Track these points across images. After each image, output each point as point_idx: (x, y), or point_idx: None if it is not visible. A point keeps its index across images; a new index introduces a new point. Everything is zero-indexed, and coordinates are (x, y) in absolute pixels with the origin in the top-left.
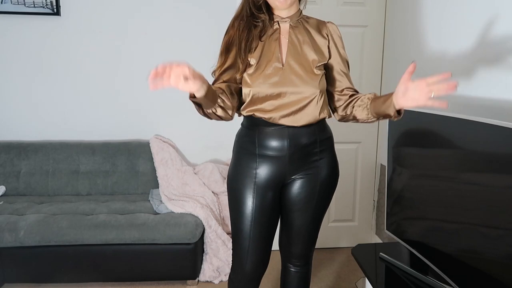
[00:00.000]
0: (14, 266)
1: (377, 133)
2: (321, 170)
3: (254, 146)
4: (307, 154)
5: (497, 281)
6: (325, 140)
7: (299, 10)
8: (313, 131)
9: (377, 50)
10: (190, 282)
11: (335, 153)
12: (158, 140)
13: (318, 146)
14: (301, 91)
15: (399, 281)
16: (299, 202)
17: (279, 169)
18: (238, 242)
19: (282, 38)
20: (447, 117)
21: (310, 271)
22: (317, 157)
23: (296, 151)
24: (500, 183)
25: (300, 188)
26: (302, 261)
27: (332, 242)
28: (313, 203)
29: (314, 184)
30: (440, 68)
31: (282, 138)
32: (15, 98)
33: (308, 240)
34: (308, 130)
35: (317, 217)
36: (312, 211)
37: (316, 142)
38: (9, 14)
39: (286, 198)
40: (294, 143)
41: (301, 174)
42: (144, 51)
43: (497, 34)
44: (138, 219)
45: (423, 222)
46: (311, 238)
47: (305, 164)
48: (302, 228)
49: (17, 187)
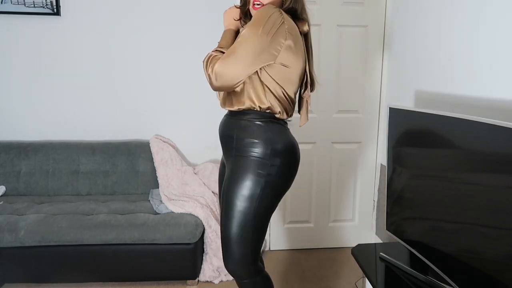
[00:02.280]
0: (14, 266)
1: (377, 133)
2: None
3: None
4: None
5: (497, 281)
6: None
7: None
8: None
9: (377, 50)
10: (190, 282)
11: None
12: (158, 140)
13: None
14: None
15: (399, 281)
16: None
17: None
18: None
19: None
20: (447, 117)
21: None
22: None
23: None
24: (500, 183)
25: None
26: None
27: (332, 242)
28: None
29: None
30: (440, 68)
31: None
32: (15, 98)
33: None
34: None
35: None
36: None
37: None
38: (9, 14)
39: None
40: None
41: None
42: (144, 51)
43: (497, 34)
44: (138, 219)
45: (423, 222)
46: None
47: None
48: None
49: (17, 187)
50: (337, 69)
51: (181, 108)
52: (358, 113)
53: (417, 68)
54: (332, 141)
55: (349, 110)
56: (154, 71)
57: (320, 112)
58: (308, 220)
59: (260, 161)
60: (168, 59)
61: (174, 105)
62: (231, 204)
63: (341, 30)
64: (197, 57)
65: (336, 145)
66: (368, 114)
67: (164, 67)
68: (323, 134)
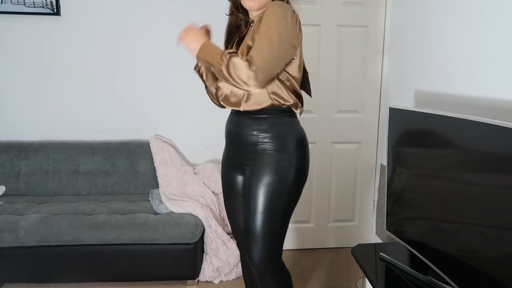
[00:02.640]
0: (14, 266)
1: (377, 133)
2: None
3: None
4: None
5: (497, 281)
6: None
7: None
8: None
9: (377, 50)
10: (190, 282)
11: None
12: (158, 140)
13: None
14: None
15: (399, 281)
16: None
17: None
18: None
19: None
20: (447, 117)
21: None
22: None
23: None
24: (500, 183)
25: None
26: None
27: (332, 242)
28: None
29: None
30: (440, 67)
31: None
32: (15, 98)
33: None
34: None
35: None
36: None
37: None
38: (9, 14)
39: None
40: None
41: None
42: (144, 51)
43: (497, 34)
44: (138, 219)
45: (423, 222)
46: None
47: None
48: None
49: (17, 187)
50: (337, 69)
51: (181, 108)
52: (358, 113)
53: (417, 68)
54: (332, 141)
55: (349, 110)
56: (155, 71)
57: (320, 112)
58: (308, 220)
59: (286, 155)
60: (169, 59)
61: (174, 105)
62: (261, 199)
63: (341, 30)
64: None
65: (336, 145)
66: (368, 114)
67: (164, 67)
68: (323, 134)
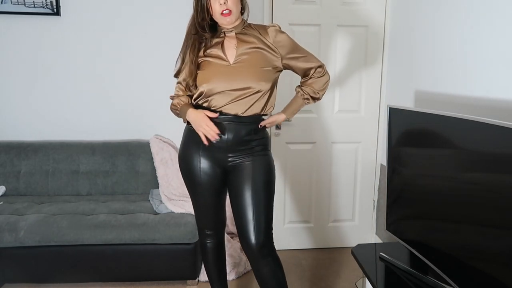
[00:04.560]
0: (14, 266)
1: (377, 133)
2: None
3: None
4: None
5: (497, 281)
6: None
7: (243, 21)
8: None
9: (377, 50)
10: (190, 282)
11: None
12: (158, 140)
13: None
14: (248, 86)
15: (399, 281)
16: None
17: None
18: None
19: (226, 43)
20: (447, 117)
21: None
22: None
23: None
24: (500, 183)
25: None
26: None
27: (332, 242)
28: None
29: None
30: (440, 68)
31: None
32: (15, 98)
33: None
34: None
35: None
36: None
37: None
38: (9, 14)
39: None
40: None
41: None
42: (144, 51)
43: (497, 34)
44: (138, 219)
45: (423, 222)
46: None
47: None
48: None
49: (17, 187)
50: (337, 69)
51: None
52: (358, 113)
53: (417, 68)
54: (332, 141)
55: (349, 110)
56: (155, 71)
57: (320, 112)
58: (308, 220)
59: (270, 153)
60: (169, 59)
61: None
62: (270, 190)
63: (341, 30)
64: None
65: (336, 145)
66: (368, 114)
67: (165, 67)
68: (323, 134)
